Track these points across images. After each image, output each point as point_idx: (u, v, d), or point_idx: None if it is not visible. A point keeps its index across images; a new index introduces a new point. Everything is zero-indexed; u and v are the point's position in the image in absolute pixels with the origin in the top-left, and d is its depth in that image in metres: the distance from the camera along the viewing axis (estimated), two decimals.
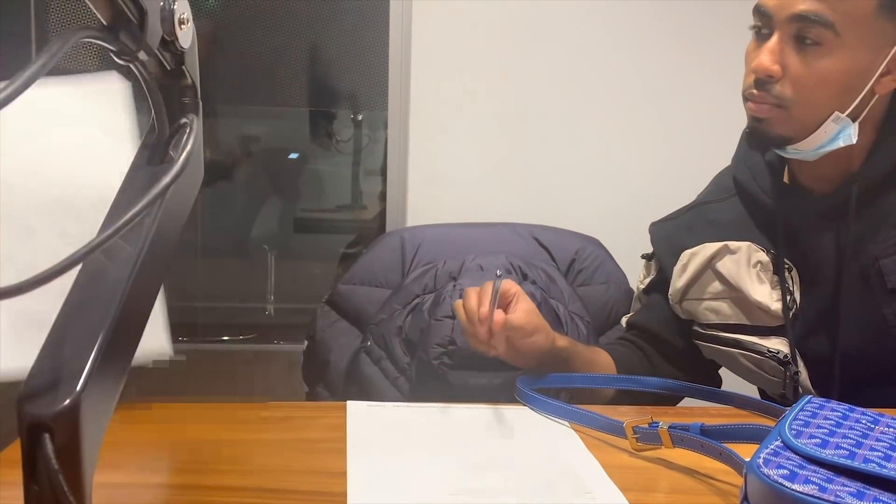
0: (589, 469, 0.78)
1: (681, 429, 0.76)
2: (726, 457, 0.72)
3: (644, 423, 0.79)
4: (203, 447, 0.83)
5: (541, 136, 2.45)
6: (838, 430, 0.63)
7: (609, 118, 2.45)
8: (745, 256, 1.08)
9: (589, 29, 2.42)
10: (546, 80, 2.42)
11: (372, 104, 2.76)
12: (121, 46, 0.49)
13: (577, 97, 2.44)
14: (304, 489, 0.74)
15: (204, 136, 0.57)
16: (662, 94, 2.44)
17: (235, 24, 2.80)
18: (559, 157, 2.45)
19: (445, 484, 0.74)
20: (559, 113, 2.44)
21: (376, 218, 3.71)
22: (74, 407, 0.43)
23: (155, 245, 0.52)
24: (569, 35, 2.42)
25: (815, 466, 0.59)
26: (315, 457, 0.81)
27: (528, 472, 0.77)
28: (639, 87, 2.44)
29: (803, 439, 0.61)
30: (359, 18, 2.69)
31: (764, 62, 0.96)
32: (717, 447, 0.72)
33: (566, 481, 0.75)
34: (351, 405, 0.93)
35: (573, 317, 1.37)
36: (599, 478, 0.76)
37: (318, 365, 1.44)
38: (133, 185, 0.53)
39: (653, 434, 0.78)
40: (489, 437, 0.87)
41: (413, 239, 1.54)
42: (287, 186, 4.25)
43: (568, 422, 0.90)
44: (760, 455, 0.61)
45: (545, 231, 1.60)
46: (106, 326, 0.47)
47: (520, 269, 1.40)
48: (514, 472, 0.77)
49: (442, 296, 1.29)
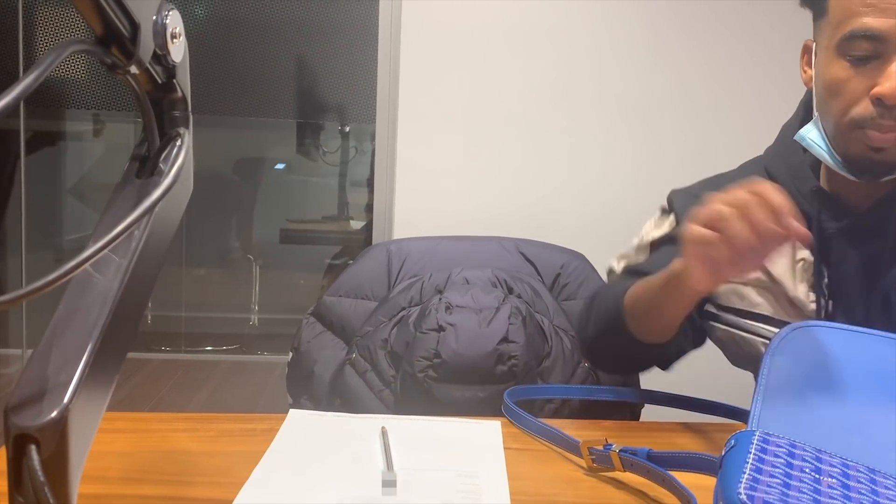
0: (493, 493, 0.77)
1: (630, 453, 0.78)
2: (669, 483, 0.73)
3: (599, 444, 0.80)
4: (186, 459, 0.82)
5: (527, 151, 2.46)
6: (791, 486, 0.63)
7: (596, 134, 2.47)
8: (790, 250, 1.04)
9: (575, 47, 2.44)
10: (533, 96, 2.44)
11: (360, 117, 2.77)
12: (113, 60, 0.49)
13: (565, 113, 2.46)
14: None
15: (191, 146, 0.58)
16: (650, 111, 2.47)
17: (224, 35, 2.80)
18: (545, 171, 2.47)
19: (338, 494, 0.74)
20: (546, 128, 2.46)
21: (363, 229, 3.72)
22: (61, 419, 0.43)
23: (143, 257, 0.52)
24: (555, 52, 2.44)
25: None
26: None
27: (428, 489, 0.77)
28: (626, 103, 2.47)
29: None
30: (348, 32, 2.70)
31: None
32: (661, 474, 0.74)
33: (460, 496, 0.75)
34: (293, 413, 0.94)
35: (558, 331, 1.37)
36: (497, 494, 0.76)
37: (302, 376, 1.44)
38: (123, 198, 0.53)
39: (606, 456, 0.79)
40: (414, 451, 0.85)
41: (399, 251, 1.55)
42: (273, 197, 4.26)
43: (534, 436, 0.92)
44: None
45: (531, 245, 1.60)
46: (94, 338, 0.47)
47: (505, 282, 1.40)
48: (412, 487, 0.77)
49: (428, 309, 1.30)
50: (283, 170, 4.23)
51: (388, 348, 1.32)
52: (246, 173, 4.26)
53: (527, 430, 0.94)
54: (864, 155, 0.97)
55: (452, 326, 1.25)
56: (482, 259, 1.53)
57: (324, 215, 4.14)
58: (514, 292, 1.39)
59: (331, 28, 2.73)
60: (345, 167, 3.99)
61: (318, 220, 4.16)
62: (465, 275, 1.41)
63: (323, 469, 0.80)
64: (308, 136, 4.02)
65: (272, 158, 4.23)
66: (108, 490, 0.74)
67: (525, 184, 2.46)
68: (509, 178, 2.46)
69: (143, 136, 0.56)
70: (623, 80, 2.45)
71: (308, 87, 2.89)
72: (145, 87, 0.54)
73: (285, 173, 4.24)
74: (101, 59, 0.48)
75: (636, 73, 2.45)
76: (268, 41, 2.80)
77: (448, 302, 1.29)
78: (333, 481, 0.77)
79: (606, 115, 2.46)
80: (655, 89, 2.45)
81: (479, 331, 1.25)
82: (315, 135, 3.98)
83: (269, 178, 4.26)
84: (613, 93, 2.45)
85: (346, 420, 0.95)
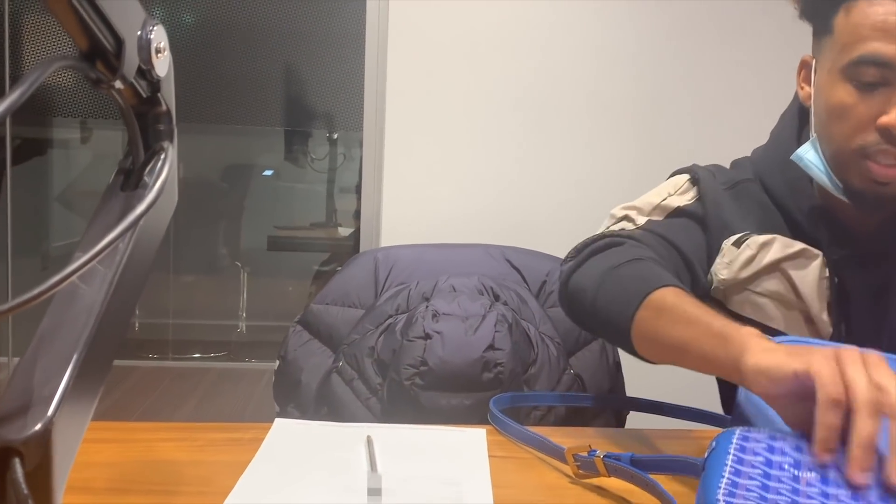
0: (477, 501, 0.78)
1: (614, 458, 0.78)
2: (651, 488, 0.74)
3: (583, 450, 0.81)
4: (172, 469, 0.82)
5: (514, 158, 2.48)
6: (769, 488, 0.63)
7: (582, 142, 2.49)
8: (818, 268, 0.99)
9: (559, 55, 2.45)
10: (519, 104, 2.46)
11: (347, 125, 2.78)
12: (97, 75, 0.50)
13: (551, 122, 2.47)
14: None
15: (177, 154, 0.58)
16: (636, 120, 2.48)
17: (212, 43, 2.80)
18: (532, 179, 2.48)
19: (323, 502, 0.74)
20: (533, 136, 2.47)
21: (351, 236, 3.71)
22: (46, 432, 0.43)
23: (128, 269, 0.52)
24: (540, 62, 2.45)
25: None
26: None
27: (413, 498, 0.77)
28: (613, 111, 2.48)
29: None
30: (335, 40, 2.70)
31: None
32: (644, 478, 0.74)
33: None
34: (278, 422, 0.95)
35: (544, 338, 1.38)
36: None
37: (289, 385, 1.44)
38: (108, 211, 0.54)
39: (590, 463, 0.80)
40: (399, 459, 0.86)
41: (386, 259, 1.55)
42: (261, 204, 4.25)
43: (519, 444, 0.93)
44: None
45: (517, 253, 1.61)
46: (79, 350, 0.47)
47: (492, 290, 1.41)
48: (397, 495, 0.77)
49: (414, 316, 1.30)
50: (272, 176, 4.23)
51: (374, 356, 1.33)
52: (234, 180, 4.25)
53: (512, 437, 0.95)
54: (866, 187, 0.94)
55: (439, 334, 1.25)
56: (469, 266, 1.53)
57: (312, 222, 4.14)
58: (501, 300, 1.40)
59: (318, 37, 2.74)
60: (333, 174, 3.99)
61: (306, 226, 4.15)
62: (452, 282, 1.41)
63: (308, 478, 0.80)
64: (296, 142, 4.02)
65: (260, 165, 4.22)
66: (94, 501, 0.74)
67: (512, 191, 2.47)
68: (496, 186, 2.47)
69: (128, 149, 0.56)
70: (609, 87, 2.47)
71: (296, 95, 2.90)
72: (130, 102, 0.54)
73: (273, 180, 4.24)
74: (86, 74, 0.49)
75: (623, 80, 2.47)
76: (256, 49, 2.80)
77: (435, 309, 1.30)
78: (318, 490, 0.77)
79: (594, 125, 2.48)
80: (642, 95, 2.47)
81: (466, 338, 1.26)
82: (303, 141, 3.98)
83: (258, 184, 4.26)
84: (600, 101, 2.47)
85: (331, 429, 0.95)
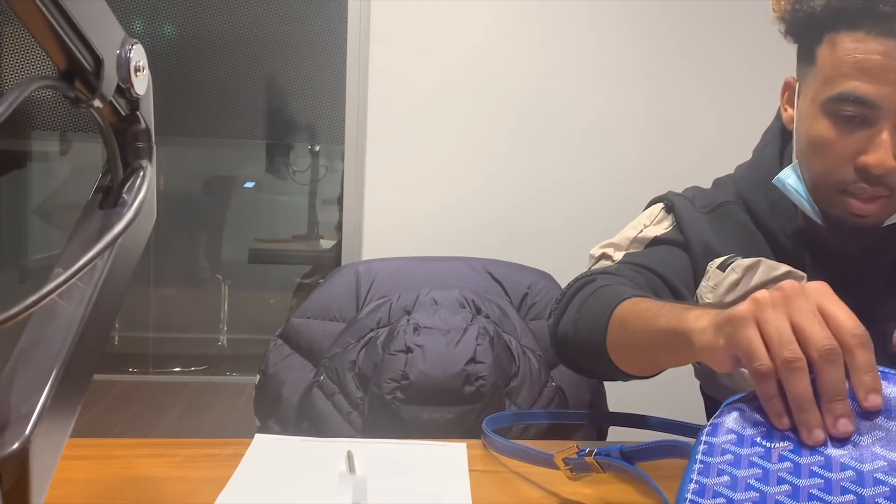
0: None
1: (604, 454, 0.78)
2: (640, 478, 0.75)
3: (572, 453, 0.81)
4: (151, 485, 0.82)
5: (495, 171, 2.49)
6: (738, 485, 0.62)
7: (563, 155, 2.50)
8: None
9: (544, 66, 2.47)
10: (500, 118, 2.47)
11: (328, 138, 2.78)
12: (76, 94, 0.50)
13: (531, 136, 2.49)
14: None
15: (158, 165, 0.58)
16: (617, 131, 2.50)
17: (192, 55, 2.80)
18: (513, 192, 2.49)
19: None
20: (513, 150, 2.49)
21: (333, 248, 3.71)
22: (23, 451, 0.43)
23: (107, 286, 0.52)
24: (520, 74, 2.47)
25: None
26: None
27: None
28: (592, 124, 2.50)
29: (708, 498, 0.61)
30: (316, 52, 2.71)
31: (888, 161, 0.90)
32: (633, 470, 0.75)
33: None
34: (258, 438, 0.94)
35: (525, 350, 1.39)
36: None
37: (270, 399, 1.44)
38: (86, 228, 0.54)
39: (582, 464, 0.80)
40: (380, 474, 0.86)
41: (368, 272, 1.55)
42: (243, 216, 4.23)
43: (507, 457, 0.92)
44: None
45: (499, 266, 1.62)
46: (57, 368, 0.47)
47: (473, 303, 1.42)
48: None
49: (396, 330, 1.30)
50: (253, 188, 4.22)
51: (356, 370, 1.32)
52: (215, 192, 4.23)
53: (499, 451, 0.94)
54: (845, 218, 0.96)
55: (420, 347, 1.25)
56: (450, 279, 1.54)
57: (294, 234, 4.13)
58: (482, 312, 1.40)
59: (299, 46, 2.74)
60: (315, 185, 3.98)
61: (287, 239, 4.14)
62: (434, 295, 1.42)
63: (287, 494, 0.80)
64: (278, 154, 4.01)
65: (241, 177, 4.21)
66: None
67: (493, 204, 2.48)
68: (478, 199, 2.48)
69: (106, 166, 0.56)
70: (595, 99, 2.48)
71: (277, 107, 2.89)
72: (109, 120, 0.55)
73: (255, 192, 4.22)
74: (65, 93, 0.49)
75: (609, 93, 2.48)
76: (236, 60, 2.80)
77: (416, 323, 1.30)
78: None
79: (574, 139, 2.49)
80: (624, 107, 2.49)
81: (447, 351, 1.26)
82: (285, 153, 3.97)
83: (239, 196, 4.24)
84: (585, 113, 2.48)
85: (311, 444, 0.95)
